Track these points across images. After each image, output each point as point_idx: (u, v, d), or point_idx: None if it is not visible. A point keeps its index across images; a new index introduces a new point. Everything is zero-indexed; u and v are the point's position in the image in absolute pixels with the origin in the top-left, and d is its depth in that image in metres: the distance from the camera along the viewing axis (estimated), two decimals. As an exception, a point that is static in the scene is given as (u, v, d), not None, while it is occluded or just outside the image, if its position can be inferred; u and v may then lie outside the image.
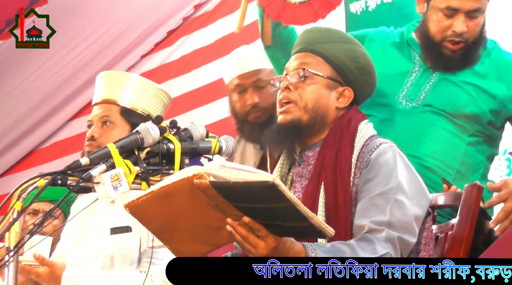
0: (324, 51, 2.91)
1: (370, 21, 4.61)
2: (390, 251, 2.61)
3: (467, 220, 2.85)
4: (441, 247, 2.89)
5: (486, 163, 3.54)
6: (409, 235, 2.67)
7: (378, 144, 2.80)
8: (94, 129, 3.51)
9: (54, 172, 2.60)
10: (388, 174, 2.73)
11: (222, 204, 2.41)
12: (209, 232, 2.50)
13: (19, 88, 6.08)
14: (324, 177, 2.78)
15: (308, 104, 2.86)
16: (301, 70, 2.88)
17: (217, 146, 2.80)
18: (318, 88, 2.87)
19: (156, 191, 2.46)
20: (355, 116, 2.89)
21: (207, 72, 5.73)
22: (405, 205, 2.69)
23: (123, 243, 3.34)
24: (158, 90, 3.58)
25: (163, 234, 2.56)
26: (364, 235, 2.64)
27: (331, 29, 3.04)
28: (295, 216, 2.37)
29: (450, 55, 3.47)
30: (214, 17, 5.77)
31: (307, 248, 2.52)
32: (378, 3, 4.62)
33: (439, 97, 3.48)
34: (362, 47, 3.00)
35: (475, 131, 3.48)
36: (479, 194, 2.88)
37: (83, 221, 3.51)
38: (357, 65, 2.92)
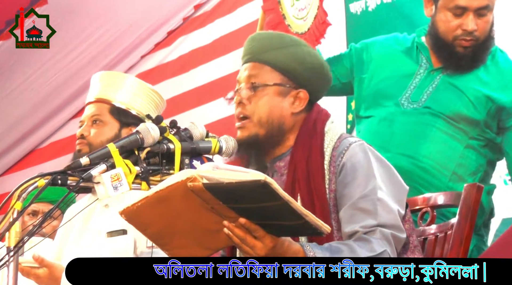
0: (270, 59, 2.87)
1: (370, 21, 4.62)
2: (387, 248, 2.61)
3: (466, 220, 2.85)
4: (441, 247, 2.89)
5: (487, 167, 3.54)
6: (398, 231, 2.67)
7: (348, 145, 2.77)
8: (84, 128, 3.54)
9: (54, 172, 2.60)
10: (365, 175, 2.71)
11: (217, 206, 2.41)
12: (207, 235, 2.50)
13: (19, 89, 6.09)
14: (298, 188, 2.76)
15: (262, 118, 2.83)
16: (250, 84, 2.87)
17: (217, 146, 2.80)
18: (270, 98, 2.84)
19: (150, 197, 2.45)
20: (320, 118, 2.85)
21: (205, 72, 5.73)
22: (388, 203, 2.68)
23: (119, 246, 3.34)
24: (152, 91, 3.60)
25: (161, 239, 2.55)
26: (360, 236, 2.63)
27: (273, 34, 3.02)
28: (290, 214, 2.37)
29: (462, 53, 3.48)
30: (212, 17, 5.77)
31: (305, 247, 2.52)
32: (378, 3, 4.62)
33: (439, 100, 3.48)
34: (307, 45, 2.95)
35: (477, 134, 3.49)
36: (479, 194, 2.88)
37: (81, 226, 3.51)
38: (305, 66, 2.87)
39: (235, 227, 2.43)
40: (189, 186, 2.37)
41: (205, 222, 2.46)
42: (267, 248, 2.44)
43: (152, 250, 2.83)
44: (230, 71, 5.55)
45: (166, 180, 2.46)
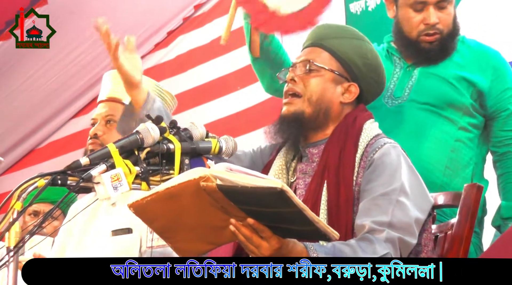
0: (332, 46, 2.92)
1: (370, 21, 4.62)
2: (390, 251, 2.62)
3: (466, 220, 2.85)
4: (441, 247, 2.89)
5: (476, 160, 3.54)
6: (409, 236, 2.67)
7: (382, 143, 2.80)
8: (97, 127, 3.51)
9: (54, 172, 2.60)
10: (392, 175, 2.73)
11: (227, 206, 2.41)
12: (212, 231, 2.50)
13: (19, 89, 6.08)
14: (327, 176, 2.78)
15: (312, 96, 2.87)
16: (307, 63, 2.90)
17: (217, 146, 2.80)
18: (323, 81, 2.89)
19: (161, 192, 2.45)
20: (361, 115, 2.89)
21: (203, 72, 5.73)
22: (407, 207, 2.69)
23: (124, 244, 3.34)
24: (164, 91, 3.58)
25: (166, 233, 2.56)
26: (364, 235, 2.64)
27: (340, 25, 3.07)
28: (301, 221, 2.37)
29: (428, 48, 3.52)
30: (211, 17, 5.77)
31: (308, 248, 2.52)
32: (377, 3, 4.62)
33: (422, 90, 3.51)
34: (371, 43, 3.01)
35: (466, 123, 3.49)
36: (479, 193, 2.88)
37: (85, 224, 3.51)
38: (365, 62, 2.92)
39: (242, 226, 2.44)
40: (202, 185, 2.37)
41: (212, 219, 2.46)
42: (273, 249, 2.45)
43: (152, 250, 2.83)
44: (229, 71, 5.56)
45: (178, 177, 2.47)
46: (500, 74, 3.54)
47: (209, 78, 5.67)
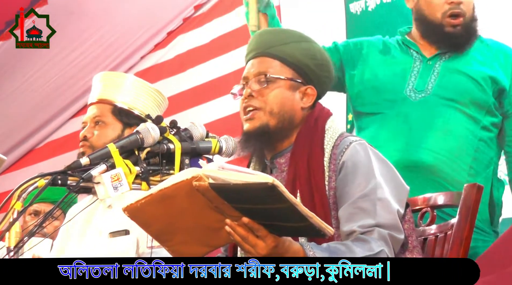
0: (281, 53, 2.86)
1: (370, 21, 4.62)
2: (385, 248, 2.61)
3: (466, 220, 2.84)
4: (441, 247, 2.89)
5: (496, 160, 3.55)
6: (396, 231, 2.67)
7: (348, 143, 2.77)
8: (87, 129, 3.52)
9: (54, 172, 2.60)
10: (366, 174, 2.71)
11: (221, 205, 2.41)
12: (208, 233, 2.50)
13: (19, 90, 6.08)
14: (299, 185, 2.75)
15: (274, 108, 2.81)
16: (263, 76, 2.84)
17: (217, 146, 2.80)
18: (282, 91, 2.83)
19: (155, 194, 2.45)
20: (321, 115, 2.86)
21: (203, 72, 5.73)
22: (389, 202, 2.68)
23: (121, 246, 3.34)
24: (154, 91, 3.59)
25: (163, 236, 2.56)
26: (358, 236, 2.63)
27: (284, 30, 3.02)
28: (295, 217, 2.37)
29: (453, 32, 3.51)
30: (210, 16, 5.77)
31: (305, 247, 2.52)
32: (377, 3, 4.62)
33: (447, 85, 3.51)
34: (317, 43, 2.95)
35: (488, 122, 3.49)
36: (479, 194, 2.88)
37: (83, 226, 3.51)
38: (316, 63, 2.88)
39: (237, 226, 2.43)
40: (195, 185, 2.37)
41: (207, 220, 2.46)
42: (269, 248, 2.45)
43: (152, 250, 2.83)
44: (228, 71, 5.56)
45: (171, 178, 2.46)
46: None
47: (208, 78, 5.67)
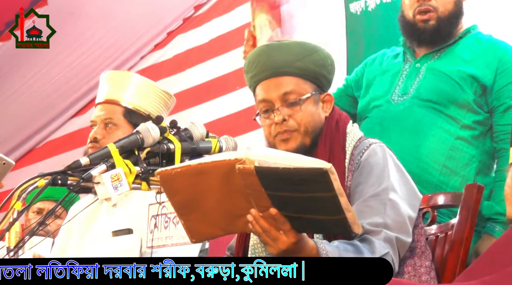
0: (300, 71, 2.85)
1: (370, 21, 4.62)
2: (390, 251, 2.62)
3: (467, 220, 2.85)
4: (441, 248, 2.89)
5: (482, 158, 3.52)
6: (404, 235, 2.68)
7: (368, 145, 2.81)
8: (96, 130, 3.48)
9: (55, 172, 2.60)
10: (380, 175, 2.73)
11: (254, 192, 2.39)
12: (227, 218, 2.49)
13: (20, 91, 6.09)
14: None
15: (308, 128, 2.84)
16: (291, 98, 2.84)
17: (217, 146, 2.80)
18: (310, 108, 2.85)
19: (193, 166, 2.43)
20: (341, 119, 2.89)
21: (201, 72, 5.74)
22: (399, 205, 2.70)
23: (124, 245, 3.34)
24: (161, 91, 3.57)
25: (182, 209, 2.53)
26: (363, 236, 2.64)
27: (290, 45, 2.91)
28: (333, 208, 2.35)
29: (423, 27, 3.52)
30: (209, 16, 5.78)
31: (318, 245, 2.52)
32: (377, 3, 4.62)
33: (426, 87, 3.52)
34: (322, 48, 2.94)
35: (470, 121, 3.49)
36: (479, 194, 2.88)
37: (85, 225, 3.51)
38: (328, 69, 2.91)
39: (261, 218, 2.43)
40: (238, 168, 2.35)
41: (231, 205, 2.45)
42: (289, 243, 2.45)
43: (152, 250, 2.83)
44: (227, 71, 5.56)
45: (213, 155, 2.47)
46: (506, 68, 3.51)
47: (208, 77, 5.68)
